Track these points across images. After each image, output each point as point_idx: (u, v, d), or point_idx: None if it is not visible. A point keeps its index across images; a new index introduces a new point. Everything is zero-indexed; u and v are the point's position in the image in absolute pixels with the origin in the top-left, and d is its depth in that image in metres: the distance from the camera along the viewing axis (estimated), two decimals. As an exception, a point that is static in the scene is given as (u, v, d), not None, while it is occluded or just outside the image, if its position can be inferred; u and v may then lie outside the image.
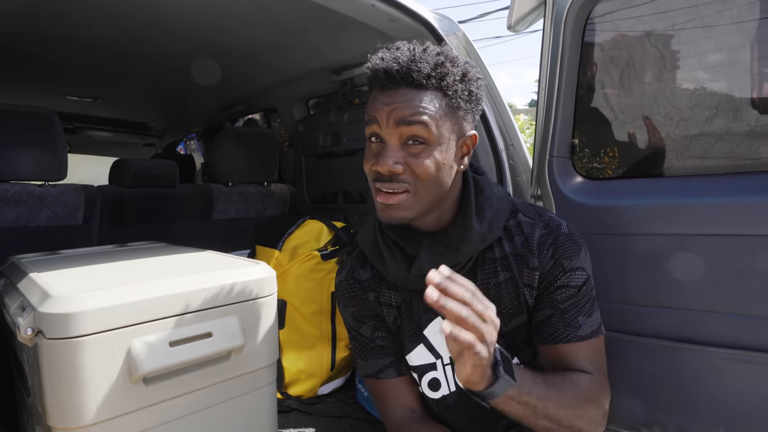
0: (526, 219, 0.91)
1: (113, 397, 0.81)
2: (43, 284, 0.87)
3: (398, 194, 0.80)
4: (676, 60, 1.26)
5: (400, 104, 0.78)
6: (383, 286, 0.96)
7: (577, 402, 0.80)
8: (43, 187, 1.61)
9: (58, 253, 1.31)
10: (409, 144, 0.80)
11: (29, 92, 2.54)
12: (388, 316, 0.96)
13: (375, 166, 0.80)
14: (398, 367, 0.97)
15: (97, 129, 3.33)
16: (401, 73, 0.78)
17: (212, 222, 2.06)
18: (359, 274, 0.99)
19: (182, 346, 0.88)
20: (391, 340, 0.98)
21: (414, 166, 0.79)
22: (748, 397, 1.11)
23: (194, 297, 0.91)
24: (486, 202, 0.88)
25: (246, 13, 1.53)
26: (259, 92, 2.41)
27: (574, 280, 0.87)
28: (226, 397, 0.97)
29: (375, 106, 0.81)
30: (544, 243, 0.88)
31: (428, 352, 0.94)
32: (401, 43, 0.84)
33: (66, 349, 0.78)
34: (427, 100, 0.79)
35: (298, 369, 1.56)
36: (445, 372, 0.94)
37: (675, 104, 1.26)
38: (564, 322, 0.86)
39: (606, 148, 1.41)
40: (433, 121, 0.79)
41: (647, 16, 1.27)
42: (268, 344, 1.03)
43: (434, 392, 0.95)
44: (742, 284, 1.09)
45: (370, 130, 0.83)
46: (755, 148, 1.16)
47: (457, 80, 0.81)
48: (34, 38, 1.75)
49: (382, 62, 0.80)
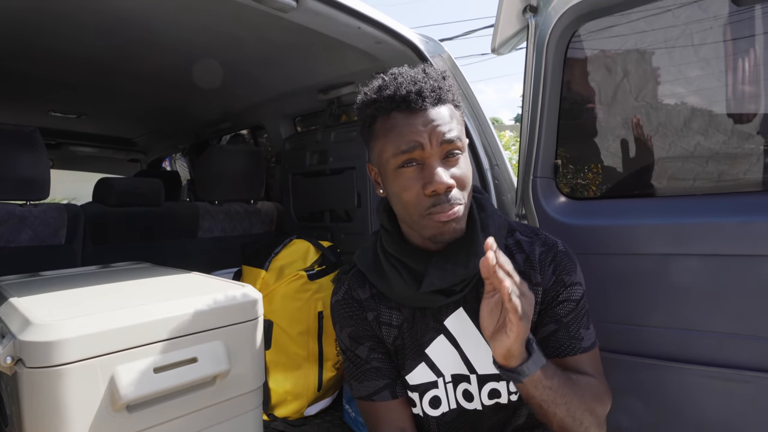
0: (524, 237, 0.95)
1: (96, 427, 0.80)
2: (24, 310, 0.86)
3: (454, 208, 0.82)
4: (657, 83, 1.30)
5: (438, 123, 0.81)
6: (383, 306, 0.96)
7: (588, 396, 0.84)
8: (25, 206, 1.59)
9: (39, 274, 1.29)
10: (448, 158, 0.83)
11: (11, 108, 2.51)
12: (388, 336, 0.96)
13: (430, 187, 0.80)
14: (393, 389, 0.96)
15: (82, 145, 3.30)
16: (430, 90, 0.81)
17: (198, 240, 2.04)
18: (358, 293, 0.98)
19: (167, 372, 0.87)
20: (387, 362, 0.97)
21: (459, 177, 0.83)
22: (727, 414, 1.13)
23: (179, 322, 0.90)
24: (489, 219, 0.92)
25: (232, 31, 1.54)
26: (246, 109, 2.42)
27: (574, 295, 0.91)
28: (212, 422, 0.95)
29: (411, 129, 0.81)
30: (545, 260, 0.91)
31: (430, 371, 0.94)
32: (396, 69, 0.87)
33: (47, 378, 0.77)
34: (449, 113, 0.84)
35: (284, 390, 1.54)
36: (446, 390, 0.94)
37: (656, 126, 1.30)
38: (569, 336, 0.89)
39: (588, 169, 1.44)
40: (461, 131, 0.85)
41: (629, 37, 1.31)
42: (255, 367, 1.02)
43: (434, 410, 0.95)
44: (720, 303, 1.12)
45: (407, 157, 0.82)
46: (732, 170, 1.20)
47: (454, 90, 0.87)
48: (15, 54, 1.73)
49: (407, 85, 0.81)
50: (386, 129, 0.83)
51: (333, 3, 1.25)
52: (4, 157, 1.51)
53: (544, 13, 1.33)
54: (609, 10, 1.26)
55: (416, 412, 0.97)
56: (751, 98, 1.18)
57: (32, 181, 1.56)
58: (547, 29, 1.32)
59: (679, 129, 1.27)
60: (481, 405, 0.92)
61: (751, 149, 1.16)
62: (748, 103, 1.19)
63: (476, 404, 0.93)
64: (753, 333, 1.08)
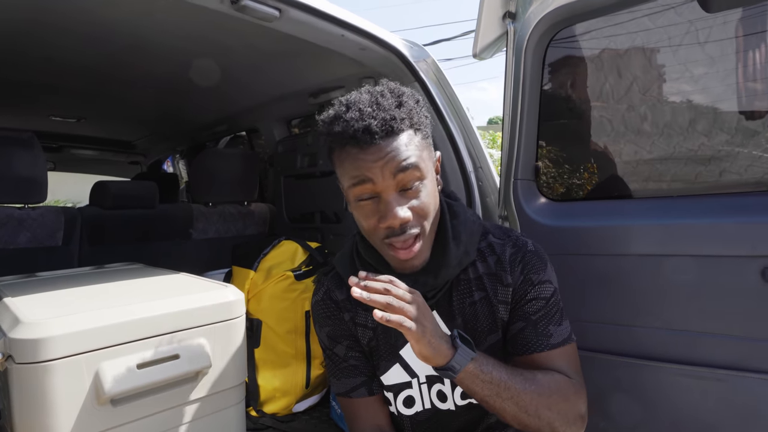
0: (496, 240, 0.96)
1: (81, 419, 0.84)
2: (15, 309, 0.90)
3: (414, 244, 0.83)
4: (635, 86, 1.33)
5: (389, 156, 0.80)
6: (359, 308, 0.99)
7: (544, 390, 0.83)
8: (23, 209, 1.64)
9: (35, 275, 1.34)
10: (407, 189, 0.82)
11: (13, 113, 2.57)
12: (363, 337, 0.99)
13: (384, 222, 0.81)
14: (369, 386, 0.99)
15: (82, 148, 3.36)
16: (380, 126, 0.79)
17: (192, 242, 2.09)
18: (335, 294, 1.01)
19: (150, 368, 0.91)
20: (363, 360, 1.01)
21: (418, 208, 0.83)
22: (701, 412, 1.16)
23: (162, 320, 0.95)
24: (461, 227, 0.93)
25: (220, 39, 1.58)
26: (241, 113, 2.46)
27: (543, 293, 0.92)
28: (195, 416, 1.00)
29: (361, 165, 0.80)
30: (515, 260, 0.93)
31: (404, 372, 0.97)
32: (354, 95, 0.85)
33: (35, 373, 0.81)
34: (407, 141, 0.81)
35: (273, 387, 1.59)
36: (420, 390, 0.97)
37: (633, 128, 1.34)
38: (536, 333, 0.90)
39: (568, 171, 1.47)
40: (419, 157, 0.82)
41: (606, 42, 1.34)
42: (237, 365, 1.06)
43: (408, 409, 0.98)
44: (694, 303, 1.15)
45: (361, 191, 0.82)
46: (707, 172, 1.23)
47: (417, 110, 0.85)
48: (16, 63, 1.79)
49: (355, 122, 0.79)
50: (341, 160, 0.84)
51: (315, 12, 1.29)
52: (3, 161, 1.56)
53: (522, 19, 1.36)
54: (585, 15, 1.29)
55: (391, 410, 1.00)
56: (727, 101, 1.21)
57: (30, 184, 1.61)
58: (525, 35, 1.35)
59: (656, 131, 1.30)
60: (455, 405, 0.95)
61: (726, 152, 1.19)
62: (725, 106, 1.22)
63: (450, 404, 0.96)
64: (725, 332, 1.11)
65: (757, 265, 1.07)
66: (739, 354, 1.10)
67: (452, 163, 1.63)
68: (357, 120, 0.79)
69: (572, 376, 0.91)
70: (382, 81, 0.89)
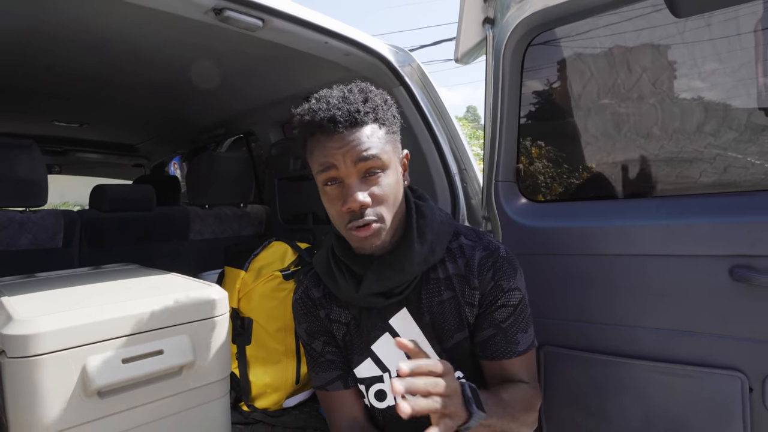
0: (467, 242, 1.00)
1: (69, 410, 0.90)
2: (9, 307, 0.96)
3: (370, 225, 0.89)
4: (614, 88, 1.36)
5: (352, 144, 0.86)
6: (334, 305, 1.05)
7: (522, 413, 0.91)
8: (24, 212, 1.70)
9: (34, 276, 1.40)
10: (368, 177, 0.88)
11: (18, 119, 2.65)
12: (338, 333, 1.05)
13: (345, 206, 0.87)
14: (345, 380, 1.05)
15: (86, 151, 3.44)
16: (344, 116, 0.86)
17: (189, 242, 2.15)
18: (313, 293, 1.07)
19: (135, 362, 0.97)
20: (339, 355, 1.06)
21: (378, 194, 0.88)
22: (672, 407, 1.19)
23: (147, 317, 1.00)
24: (427, 227, 0.97)
25: (213, 46, 1.63)
26: (237, 117, 2.52)
27: (512, 300, 0.97)
28: (180, 409, 1.05)
29: (327, 152, 0.87)
30: (485, 265, 0.97)
31: (375, 366, 1.02)
32: (325, 91, 0.92)
33: (25, 366, 0.87)
34: (369, 133, 0.88)
35: (264, 383, 1.64)
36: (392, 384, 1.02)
37: (612, 130, 1.37)
38: (506, 341, 0.96)
39: (549, 173, 1.51)
40: (381, 149, 0.89)
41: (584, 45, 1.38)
42: (220, 360, 1.11)
43: (380, 402, 1.03)
44: (665, 301, 1.18)
45: (326, 176, 0.89)
46: (682, 173, 1.26)
47: (383, 108, 0.92)
48: (18, 71, 1.85)
49: (322, 112, 0.86)
50: (311, 149, 0.91)
51: (298, 20, 1.33)
52: (4, 166, 1.63)
53: (500, 24, 1.40)
54: (562, 20, 1.33)
55: (365, 403, 1.05)
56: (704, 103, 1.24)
57: (31, 188, 1.68)
58: (503, 40, 1.39)
59: (633, 133, 1.33)
60: None
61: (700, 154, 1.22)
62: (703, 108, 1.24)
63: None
64: (695, 330, 1.15)
65: (725, 264, 1.10)
66: (708, 350, 1.14)
67: (437, 166, 1.67)
68: (324, 110, 0.87)
69: (532, 380, 0.99)
70: (356, 81, 0.95)
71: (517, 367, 0.97)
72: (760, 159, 1.12)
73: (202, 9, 1.20)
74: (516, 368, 0.97)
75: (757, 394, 1.08)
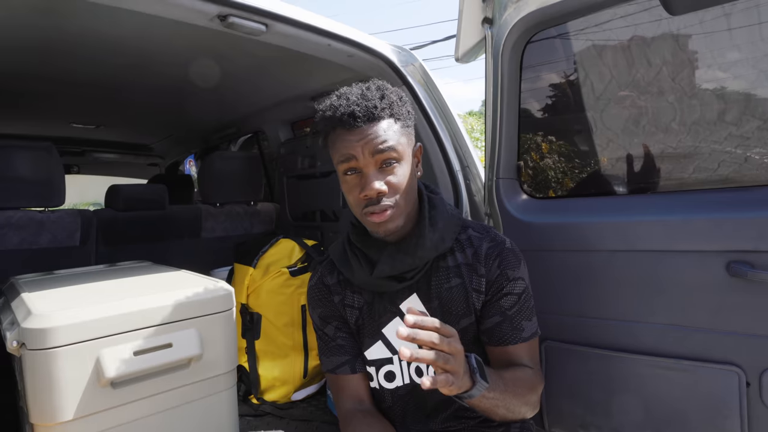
0: (475, 234, 1.07)
1: (84, 399, 0.96)
2: (29, 303, 1.03)
3: (386, 211, 0.95)
4: (612, 84, 1.37)
5: (370, 137, 0.93)
6: (348, 290, 1.10)
7: (525, 392, 0.96)
8: (43, 212, 1.78)
9: (53, 273, 1.47)
10: (384, 167, 0.95)
11: (37, 121, 2.75)
12: (351, 317, 1.10)
13: (363, 192, 0.94)
14: (353, 365, 1.09)
15: (103, 151, 3.54)
16: (362, 112, 0.93)
17: (201, 240, 2.21)
18: (327, 279, 1.13)
19: (146, 355, 1.02)
20: (349, 340, 1.11)
21: (393, 183, 0.95)
22: (668, 401, 1.20)
23: (157, 312, 1.05)
24: (438, 217, 1.04)
25: (219, 49, 1.68)
26: (247, 116, 2.58)
27: (516, 289, 1.02)
28: (188, 399, 1.11)
29: (347, 144, 0.94)
30: (491, 254, 1.03)
31: (386, 348, 1.07)
32: (345, 89, 0.99)
33: (43, 358, 0.93)
34: (386, 127, 0.95)
35: (273, 376, 1.69)
36: (401, 366, 1.07)
37: (611, 127, 1.38)
38: (512, 327, 1.01)
39: (549, 169, 1.52)
40: (397, 142, 0.95)
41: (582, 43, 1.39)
42: (227, 353, 1.16)
43: (389, 383, 1.08)
44: (663, 296, 1.19)
45: (346, 166, 0.95)
46: (678, 169, 1.26)
47: (398, 104, 0.98)
48: (36, 77, 1.93)
49: (342, 108, 0.94)
50: (333, 142, 0.98)
51: (300, 24, 1.37)
52: (24, 169, 1.70)
53: (498, 24, 1.42)
54: (558, 19, 1.34)
55: (374, 385, 1.09)
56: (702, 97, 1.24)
57: (49, 190, 1.75)
58: (501, 39, 1.40)
59: (634, 129, 1.34)
60: None
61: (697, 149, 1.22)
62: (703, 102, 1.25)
63: None
64: (691, 325, 1.16)
65: (722, 259, 1.11)
66: (705, 346, 1.15)
67: (439, 163, 1.69)
68: (344, 107, 0.94)
69: (534, 366, 1.04)
70: (373, 79, 1.02)
71: (522, 352, 1.02)
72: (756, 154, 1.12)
73: (208, 16, 1.25)
74: (520, 354, 1.02)
75: (754, 389, 1.09)
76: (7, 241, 1.70)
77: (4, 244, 1.69)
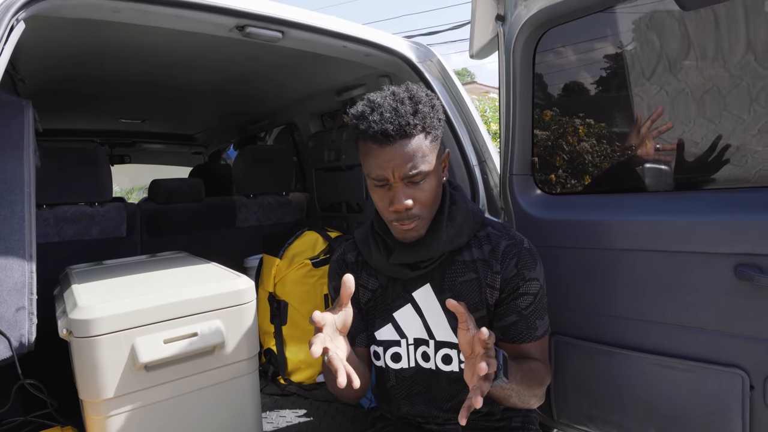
0: (494, 231, 1.11)
1: (122, 380, 1.10)
2: (76, 294, 1.17)
3: (413, 223, 1.01)
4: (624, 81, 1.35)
5: (400, 159, 0.95)
6: (364, 271, 1.17)
7: (536, 385, 1.02)
8: (93, 207, 1.96)
9: (102, 263, 1.64)
10: (413, 184, 0.98)
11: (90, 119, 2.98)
12: (363, 297, 1.16)
13: (393, 207, 0.99)
14: (353, 338, 1.16)
15: (151, 143, 3.78)
16: (395, 130, 0.94)
17: (236, 230, 2.36)
18: (348, 257, 1.20)
19: (174, 342, 1.15)
20: (356, 317, 1.16)
21: (421, 199, 0.99)
22: (672, 400, 1.22)
23: (185, 305, 1.18)
24: (457, 212, 1.08)
25: (246, 51, 1.76)
26: (279, 109, 2.68)
27: (532, 289, 1.06)
28: (213, 382, 1.23)
29: (378, 163, 0.96)
30: (509, 253, 1.06)
31: (395, 331, 1.14)
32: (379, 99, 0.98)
33: (87, 345, 1.07)
34: (416, 146, 0.96)
35: (299, 359, 1.82)
36: (408, 350, 1.13)
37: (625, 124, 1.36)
38: (527, 327, 1.06)
39: (563, 166, 1.52)
40: (427, 159, 0.97)
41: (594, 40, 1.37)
42: (248, 341, 1.28)
43: (395, 364, 1.15)
44: (671, 296, 1.20)
45: (376, 181, 0.99)
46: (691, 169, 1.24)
47: (430, 116, 0.99)
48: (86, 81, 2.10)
49: (375, 125, 0.94)
50: (364, 152, 1.00)
51: (314, 29, 1.43)
52: (77, 168, 1.88)
53: (509, 21, 1.42)
54: (568, 16, 1.33)
55: (380, 364, 1.16)
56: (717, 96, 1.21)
57: (98, 186, 1.93)
58: (512, 37, 1.41)
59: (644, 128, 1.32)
60: (435, 366, 1.10)
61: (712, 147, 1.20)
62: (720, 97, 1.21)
63: (431, 365, 1.11)
64: (697, 326, 1.16)
65: (730, 262, 1.10)
66: (710, 347, 1.15)
67: (456, 158, 1.72)
68: (378, 123, 0.94)
69: (545, 361, 1.09)
70: (407, 84, 1.03)
71: (534, 349, 1.08)
72: (767, 155, 1.09)
73: (227, 27, 1.33)
74: (532, 350, 1.07)
75: (758, 393, 1.09)
76: (63, 234, 1.89)
77: (62, 236, 1.88)
